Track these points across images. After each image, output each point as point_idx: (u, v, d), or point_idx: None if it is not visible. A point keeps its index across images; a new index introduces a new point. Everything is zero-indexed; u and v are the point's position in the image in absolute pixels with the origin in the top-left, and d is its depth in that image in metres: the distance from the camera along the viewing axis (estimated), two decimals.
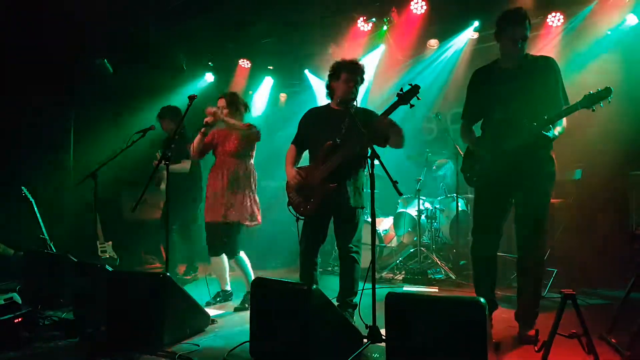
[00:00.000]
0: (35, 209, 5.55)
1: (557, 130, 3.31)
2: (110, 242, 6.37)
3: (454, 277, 5.61)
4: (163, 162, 3.99)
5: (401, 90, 3.40)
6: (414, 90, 3.35)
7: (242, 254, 4.56)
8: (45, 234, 5.54)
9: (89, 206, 6.35)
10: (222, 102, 4.59)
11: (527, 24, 3.37)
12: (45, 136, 6.58)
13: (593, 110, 3.12)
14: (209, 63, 8.16)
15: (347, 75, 3.79)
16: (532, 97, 3.39)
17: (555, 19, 6.21)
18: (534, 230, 3.43)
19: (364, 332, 3.15)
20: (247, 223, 4.48)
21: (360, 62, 3.88)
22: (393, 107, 3.47)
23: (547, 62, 3.46)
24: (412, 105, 3.37)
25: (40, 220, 5.56)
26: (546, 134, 3.24)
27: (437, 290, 5.28)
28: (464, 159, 3.84)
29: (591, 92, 3.12)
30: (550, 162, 3.44)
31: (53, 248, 5.51)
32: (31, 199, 5.54)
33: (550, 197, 3.48)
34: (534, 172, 3.40)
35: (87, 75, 6.94)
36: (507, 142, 3.39)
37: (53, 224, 5.81)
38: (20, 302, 3.64)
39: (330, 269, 6.31)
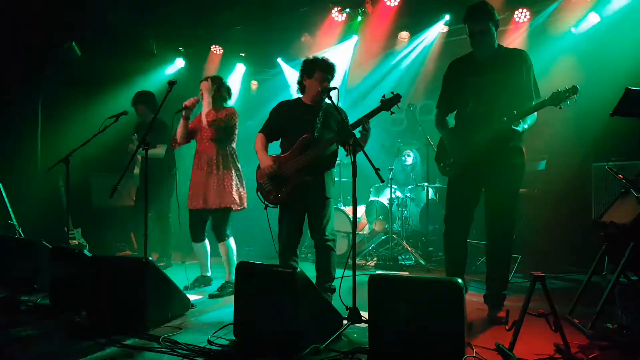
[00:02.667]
0: (4, 194, 5.43)
1: (527, 124, 3.45)
2: (79, 229, 6.31)
3: (423, 263, 5.80)
4: (142, 147, 3.97)
5: (384, 96, 3.56)
6: (396, 98, 3.54)
7: (231, 240, 4.60)
8: (14, 220, 5.43)
9: (57, 192, 6.27)
10: (205, 85, 4.61)
11: (484, 18, 3.46)
12: (11, 121, 6.39)
13: (560, 108, 3.27)
14: (180, 48, 8.08)
15: (321, 74, 3.87)
16: (504, 89, 3.50)
17: (522, 15, 6.42)
18: (504, 217, 3.60)
19: (344, 313, 3.26)
20: (234, 207, 4.52)
21: (332, 62, 3.96)
22: (374, 113, 3.64)
23: (519, 55, 3.58)
24: (392, 112, 3.56)
25: (8, 205, 5.44)
26: (515, 128, 3.37)
27: (408, 274, 5.45)
28: (438, 148, 3.95)
29: (559, 89, 3.26)
30: (520, 154, 3.58)
31: (22, 234, 5.41)
32: None
33: (520, 187, 3.65)
34: (504, 163, 3.53)
35: (55, 58, 6.78)
36: (479, 133, 3.51)
37: (21, 210, 5.69)
38: None
39: (303, 256, 6.41)
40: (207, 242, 4.74)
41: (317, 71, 3.87)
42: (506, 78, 3.50)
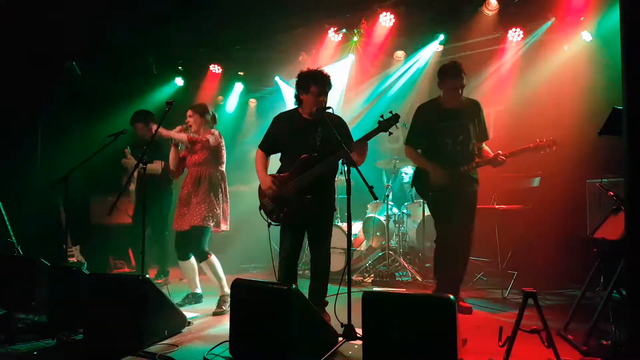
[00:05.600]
0: (3, 212, 5.46)
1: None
2: (77, 246, 6.33)
3: (420, 279, 5.80)
4: (140, 165, 4.02)
5: (382, 117, 3.57)
6: (394, 118, 3.56)
7: (212, 257, 4.62)
8: (13, 237, 5.45)
9: (56, 210, 6.30)
10: (189, 112, 4.77)
11: (463, 75, 4.25)
12: (11, 140, 6.46)
13: (542, 153, 4.21)
14: (179, 67, 8.18)
15: (317, 88, 3.85)
16: (471, 132, 4.35)
17: (515, 34, 6.51)
18: (468, 232, 4.39)
19: (339, 330, 3.28)
20: (210, 226, 4.58)
21: (327, 72, 3.96)
22: (373, 134, 3.65)
23: (478, 105, 4.45)
24: (390, 133, 3.59)
25: (7, 223, 5.46)
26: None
27: (404, 291, 5.46)
28: (415, 176, 4.67)
29: (540, 142, 4.20)
30: (477, 184, 4.45)
31: (20, 251, 5.43)
32: None
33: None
34: (468, 189, 4.38)
35: (55, 78, 6.87)
36: (459, 167, 4.30)
37: (20, 228, 5.72)
38: None
39: (301, 272, 6.41)
40: (193, 259, 4.77)
41: (313, 85, 3.86)
42: (473, 124, 4.37)
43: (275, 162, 4.18)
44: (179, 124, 4.69)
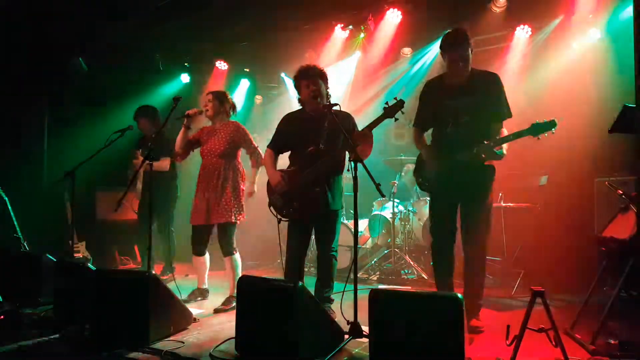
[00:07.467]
0: (10, 208, 5.48)
1: (504, 149, 3.63)
2: (83, 242, 6.35)
3: (426, 277, 5.79)
4: (147, 161, 4.02)
5: (387, 104, 3.54)
6: (399, 104, 3.50)
7: (237, 255, 4.61)
8: (19, 233, 5.47)
9: (62, 206, 6.31)
10: (209, 97, 4.72)
11: (467, 45, 3.60)
12: (18, 135, 6.48)
13: (538, 139, 3.43)
14: (185, 64, 8.19)
15: (304, 82, 3.97)
16: (482, 110, 3.68)
17: (523, 31, 6.48)
18: (481, 228, 3.73)
19: (346, 328, 3.27)
20: (238, 220, 4.58)
21: (313, 64, 4.06)
22: (379, 121, 3.61)
23: (493, 78, 3.76)
24: (396, 119, 3.53)
25: (14, 219, 5.48)
26: (497, 152, 3.57)
27: (410, 289, 5.45)
28: (417, 165, 4.08)
29: (538, 122, 3.40)
30: (492, 172, 3.78)
31: (27, 247, 5.45)
32: (5, 198, 5.47)
33: (491, 201, 3.81)
34: (479, 180, 3.72)
35: (62, 73, 6.88)
36: (459, 152, 3.66)
37: (26, 224, 5.74)
38: (1, 300, 3.63)
39: (306, 269, 6.40)
40: (207, 255, 4.79)
41: (300, 81, 4.01)
42: (483, 100, 3.67)
43: (286, 161, 4.19)
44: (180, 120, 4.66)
